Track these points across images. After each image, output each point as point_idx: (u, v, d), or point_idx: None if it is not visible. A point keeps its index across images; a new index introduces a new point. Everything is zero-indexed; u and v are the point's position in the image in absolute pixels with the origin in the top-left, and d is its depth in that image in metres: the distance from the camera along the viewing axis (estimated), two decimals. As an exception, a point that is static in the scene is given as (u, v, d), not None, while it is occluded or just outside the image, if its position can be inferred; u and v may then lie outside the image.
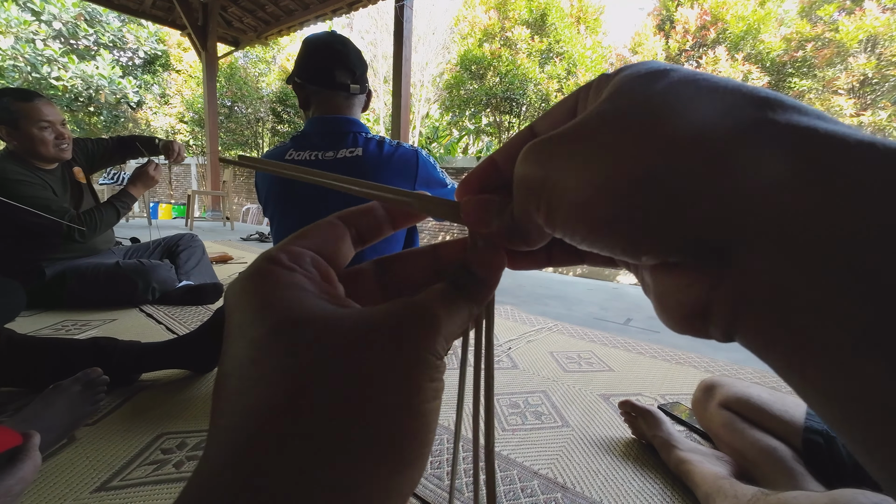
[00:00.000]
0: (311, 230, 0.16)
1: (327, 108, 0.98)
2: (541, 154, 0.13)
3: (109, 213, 1.67)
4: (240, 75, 8.39)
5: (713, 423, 0.82)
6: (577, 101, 0.15)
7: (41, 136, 1.51)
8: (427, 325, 0.13)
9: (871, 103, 4.65)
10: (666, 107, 0.11)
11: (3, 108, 1.46)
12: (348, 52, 0.97)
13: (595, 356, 1.36)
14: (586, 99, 0.14)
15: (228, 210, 5.38)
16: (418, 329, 0.13)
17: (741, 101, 0.10)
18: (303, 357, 0.12)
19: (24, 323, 1.40)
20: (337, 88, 0.96)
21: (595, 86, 0.14)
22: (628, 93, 0.12)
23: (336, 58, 0.96)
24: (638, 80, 0.12)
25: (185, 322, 1.48)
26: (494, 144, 7.71)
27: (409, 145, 0.98)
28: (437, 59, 9.69)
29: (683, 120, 0.11)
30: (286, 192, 0.98)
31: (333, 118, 0.98)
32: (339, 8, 4.42)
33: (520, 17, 6.34)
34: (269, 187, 1.01)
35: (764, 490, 0.60)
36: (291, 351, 0.12)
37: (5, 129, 1.48)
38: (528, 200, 0.13)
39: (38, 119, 1.49)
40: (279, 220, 1.01)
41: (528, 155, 0.13)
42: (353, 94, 0.99)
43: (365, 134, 0.98)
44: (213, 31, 5.00)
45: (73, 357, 0.93)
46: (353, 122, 0.99)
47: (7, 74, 7.77)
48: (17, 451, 0.60)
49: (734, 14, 5.44)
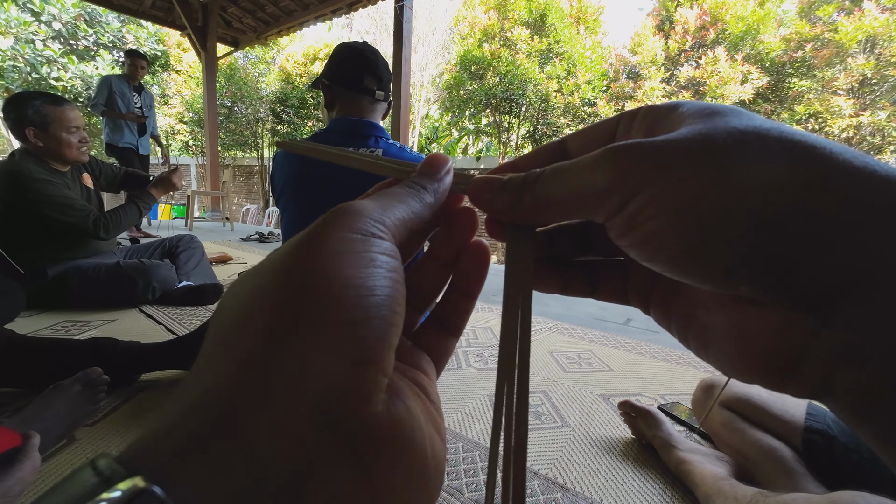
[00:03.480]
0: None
1: (352, 111, 1.03)
2: (633, 158, 0.12)
3: (132, 212, 1.72)
4: (239, 76, 8.38)
5: (713, 422, 0.82)
6: (618, 125, 0.15)
7: (68, 139, 1.56)
8: (344, 213, 0.12)
9: (871, 103, 4.66)
10: (796, 145, 0.10)
11: (35, 110, 1.50)
12: (377, 61, 1.04)
13: (595, 356, 1.36)
14: (630, 125, 0.15)
15: (228, 210, 5.38)
16: (336, 218, 0.12)
17: (850, 152, 0.10)
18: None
19: (24, 323, 1.40)
20: (363, 93, 1.03)
21: (644, 113, 0.14)
22: (744, 126, 0.11)
23: (366, 65, 1.02)
24: (745, 116, 0.12)
25: (185, 322, 1.48)
26: (494, 144, 7.71)
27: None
28: (437, 60, 9.70)
29: (812, 163, 0.10)
30: (301, 186, 1.02)
31: (358, 120, 1.03)
32: (338, 8, 4.42)
33: (519, 18, 6.34)
34: (285, 179, 1.05)
35: (763, 491, 0.60)
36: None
37: (34, 130, 1.51)
38: (597, 200, 0.12)
39: (68, 124, 1.55)
40: (291, 210, 1.05)
41: (616, 156, 0.12)
42: (378, 101, 1.05)
43: (386, 138, 1.03)
44: (213, 31, 4.99)
45: (73, 357, 0.93)
46: (375, 125, 1.04)
47: (7, 75, 7.76)
48: (17, 452, 0.59)
49: (733, 14, 5.44)
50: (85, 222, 1.57)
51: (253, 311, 0.11)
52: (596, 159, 0.13)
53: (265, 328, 0.10)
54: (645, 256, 0.12)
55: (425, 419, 0.13)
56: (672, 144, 0.11)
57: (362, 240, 0.12)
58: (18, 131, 1.51)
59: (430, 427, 0.13)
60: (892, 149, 4.61)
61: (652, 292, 0.16)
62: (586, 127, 0.16)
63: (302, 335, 0.10)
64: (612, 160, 0.12)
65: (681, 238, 0.11)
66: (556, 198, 0.14)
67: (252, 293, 0.11)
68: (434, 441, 0.13)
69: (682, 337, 0.15)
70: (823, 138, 0.11)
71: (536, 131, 6.53)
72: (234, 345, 0.11)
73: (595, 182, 0.12)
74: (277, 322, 0.10)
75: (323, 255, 0.11)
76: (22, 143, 1.55)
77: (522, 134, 6.72)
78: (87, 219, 1.57)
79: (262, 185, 9.31)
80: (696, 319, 0.14)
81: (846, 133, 4.64)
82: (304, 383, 0.10)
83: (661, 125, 0.13)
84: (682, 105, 0.13)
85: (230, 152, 9.49)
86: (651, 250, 0.12)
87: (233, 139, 8.90)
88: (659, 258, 0.12)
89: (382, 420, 0.11)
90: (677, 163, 0.11)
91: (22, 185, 1.47)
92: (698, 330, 0.14)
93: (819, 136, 0.11)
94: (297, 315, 0.10)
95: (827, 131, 4.73)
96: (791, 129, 0.11)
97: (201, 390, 0.10)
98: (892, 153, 4.65)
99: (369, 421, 0.11)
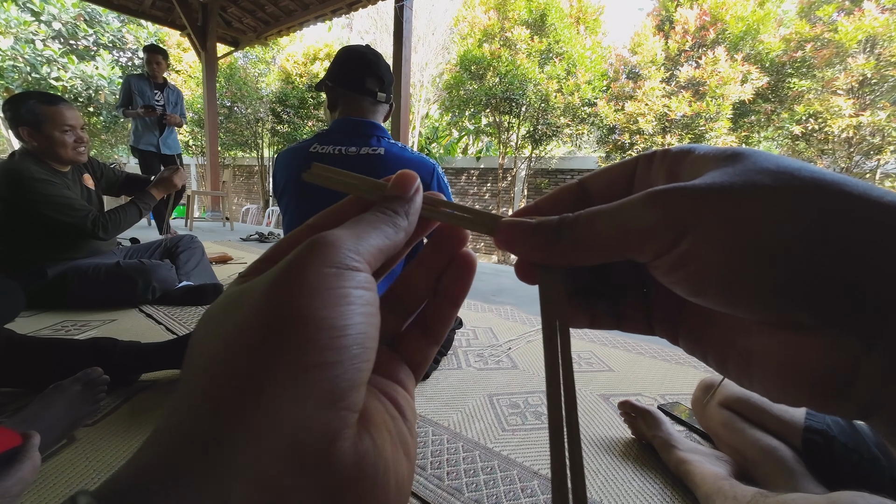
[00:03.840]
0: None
1: (354, 111, 1.05)
2: (683, 198, 0.13)
3: (132, 212, 1.71)
4: (239, 76, 8.37)
5: (713, 422, 0.82)
6: (636, 167, 0.16)
7: (62, 138, 1.54)
8: (320, 246, 0.13)
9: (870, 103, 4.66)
10: (826, 183, 0.11)
11: (28, 109, 1.49)
12: (379, 63, 1.06)
13: (595, 356, 1.36)
14: (648, 167, 0.16)
15: (228, 210, 5.38)
16: (312, 252, 0.13)
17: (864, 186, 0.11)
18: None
19: (24, 323, 1.40)
20: (365, 94, 1.04)
21: (661, 157, 0.15)
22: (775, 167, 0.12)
23: (369, 67, 1.04)
24: (770, 157, 0.13)
25: (185, 322, 1.48)
26: (494, 144, 7.71)
27: (430, 159, 1.05)
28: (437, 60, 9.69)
29: (840, 199, 0.11)
30: (302, 187, 1.03)
31: (359, 120, 1.04)
32: (338, 8, 4.42)
33: (519, 18, 6.34)
34: (287, 180, 1.06)
35: (763, 491, 0.60)
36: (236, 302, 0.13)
37: (27, 129, 1.50)
38: (646, 239, 0.13)
39: (61, 123, 1.53)
40: (292, 211, 1.06)
41: (665, 196, 0.13)
42: (379, 102, 1.07)
43: (388, 138, 1.05)
44: (213, 31, 4.99)
45: (73, 357, 0.93)
46: (376, 126, 1.05)
47: (6, 75, 7.75)
48: (17, 452, 0.59)
49: (733, 14, 5.44)
50: (84, 222, 1.56)
51: (230, 355, 0.11)
52: (643, 201, 0.13)
53: (242, 374, 0.11)
54: (695, 290, 0.13)
55: (392, 448, 0.13)
56: (718, 185, 0.12)
57: (337, 274, 0.12)
58: (15, 131, 1.51)
59: (397, 454, 0.13)
60: (892, 149, 4.61)
61: (679, 324, 0.17)
62: (602, 169, 0.17)
63: (277, 381, 0.11)
64: (659, 200, 0.13)
65: (737, 270, 0.12)
66: (599, 238, 0.14)
67: (231, 332, 0.12)
68: (399, 470, 0.13)
69: (720, 365, 0.15)
70: (844, 176, 0.12)
71: (536, 131, 6.52)
72: (210, 387, 0.11)
73: (644, 221, 0.13)
74: (254, 368, 0.11)
75: (299, 295, 0.12)
76: (22, 144, 1.55)
77: (522, 134, 6.71)
78: (85, 219, 1.57)
79: (261, 185, 9.31)
80: (737, 347, 0.14)
81: (846, 133, 4.65)
82: (277, 428, 0.10)
83: (683, 168, 0.14)
84: (694, 149, 0.14)
85: (230, 152, 9.48)
86: (703, 284, 0.13)
87: (233, 139, 8.89)
88: (710, 292, 0.12)
89: (349, 458, 0.11)
90: (729, 200, 0.12)
91: (21, 184, 1.46)
92: (739, 357, 0.14)
93: (840, 174, 0.12)
94: (272, 360, 0.11)
95: (827, 131, 4.73)
96: (814, 168, 0.12)
97: (178, 432, 0.11)
98: (892, 153, 4.65)
99: (337, 459, 0.11)
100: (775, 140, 5.76)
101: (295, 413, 0.11)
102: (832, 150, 4.89)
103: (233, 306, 0.13)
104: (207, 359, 0.12)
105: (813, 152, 5.00)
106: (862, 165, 4.86)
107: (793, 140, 5.11)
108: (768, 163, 0.12)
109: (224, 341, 0.12)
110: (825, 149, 4.93)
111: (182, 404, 0.11)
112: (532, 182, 7.22)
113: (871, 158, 4.77)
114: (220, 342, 0.12)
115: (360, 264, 0.13)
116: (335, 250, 0.13)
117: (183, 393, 0.12)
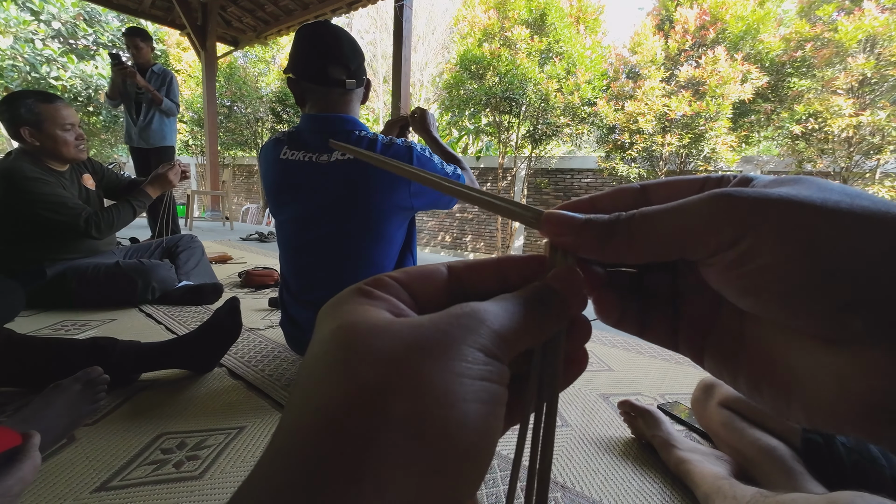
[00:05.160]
0: (414, 268, 0.16)
1: (323, 106, 0.95)
2: (748, 199, 0.13)
3: (126, 211, 1.70)
4: (239, 75, 8.37)
5: (713, 422, 0.82)
6: (705, 186, 0.16)
7: (64, 137, 1.55)
8: (471, 323, 0.12)
9: (870, 103, 4.65)
10: (880, 202, 0.12)
11: (27, 108, 1.48)
12: (341, 44, 0.92)
13: (595, 355, 1.36)
14: (717, 188, 0.16)
15: (228, 210, 5.38)
16: (460, 328, 0.12)
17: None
18: (353, 357, 0.12)
19: (24, 323, 1.40)
20: (331, 85, 0.93)
21: (728, 180, 0.16)
22: (831, 190, 0.12)
23: (329, 53, 0.91)
24: (824, 183, 0.13)
25: (185, 322, 1.48)
26: (494, 144, 7.70)
27: (402, 141, 0.94)
28: (437, 59, 9.70)
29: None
30: (283, 185, 0.97)
31: (326, 117, 0.94)
32: (338, 8, 4.42)
33: (519, 17, 6.33)
34: (268, 186, 1.02)
35: (762, 491, 0.60)
36: (344, 348, 0.12)
37: (28, 129, 1.50)
38: (706, 236, 0.13)
39: (62, 121, 1.53)
40: (278, 214, 1.02)
41: (730, 196, 0.13)
42: (350, 90, 0.95)
43: (358, 132, 0.94)
44: (213, 30, 4.99)
45: (73, 357, 0.93)
46: (347, 120, 0.95)
47: (6, 74, 7.75)
48: (17, 451, 0.59)
49: (733, 14, 5.43)
50: (76, 221, 1.55)
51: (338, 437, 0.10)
52: (706, 199, 0.13)
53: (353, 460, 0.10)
54: (749, 290, 0.13)
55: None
56: (784, 193, 0.12)
57: (478, 371, 0.12)
58: (14, 131, 1.50)
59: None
60: (892, 148, 4.61)
61: (708, 341, 0.16)
62: (667, 179, 0.17)
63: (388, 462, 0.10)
64: (724, 200, 0.13)
65: (797, 273, 0.11)
66: (655, 234, 0.14)
67: (357, 397, 0.11)
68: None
69: (752, 388, 0.15)
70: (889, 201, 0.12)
71: (536, 131, 6.52)
72: (320, 443, 0.10)
73: (705, 218, 0.13)
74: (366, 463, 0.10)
75: (440, 379, 0.11)
76: (19, 144, 1.55)
77: (522, 133, 6.70)
78: (78, 217, 1.55)
79: (261, 185, 9.30)
80: (776, 365, 0.14)
81: (846, 132, 4.64)
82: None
83: (749, 188, 0.14)
84: (756, 178, 0.15)
85: (230, 152, 9.48)
86: (759, 287, 0.12)
87: (232, 139, 8.89)
88: (765, 296, 0.12)
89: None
90: (793, 205, 0.12)
91: (13, 184, 1.46)
92: (778, 376, 0.13)
93: (887, 200, 0.12)
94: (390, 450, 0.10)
95: (827, 131, 4.73)
96: (867, 194, 0.12)
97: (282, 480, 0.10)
98: (891, 153, 4.64)
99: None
100: (775, 140, 5.76)
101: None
102: (832, 149, 4.88)
103: (371, 361, 0.11)
104: (320, 417, 0.11)
105: (813, 152, 5.00)
106: (862, 165, 4.85)
107: (793, 139, 5.10)
108: (834, 185, 0.13)
109: (354, 400, 0.11)
110: (825, 148, 4.93)
111: (286, 459, 0.11)
112: (532, 182, 7.22)
113: (870, 158, 4.77)
114: (350, 400, 0.11)
115: (502, 355, 0.13)
116: (483, 331, 0.12)
117: (287, 444, 0.11)
